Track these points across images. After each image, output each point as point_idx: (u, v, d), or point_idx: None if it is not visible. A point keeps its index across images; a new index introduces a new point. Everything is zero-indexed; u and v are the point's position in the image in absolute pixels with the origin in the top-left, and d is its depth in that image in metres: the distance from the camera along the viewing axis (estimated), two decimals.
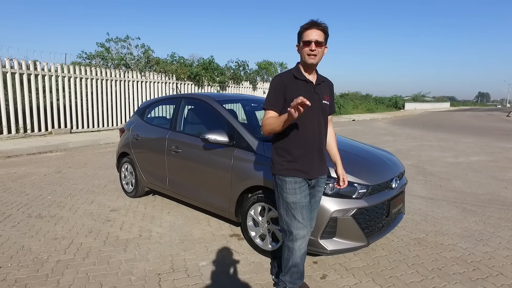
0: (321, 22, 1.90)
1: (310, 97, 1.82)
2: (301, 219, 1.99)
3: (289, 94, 1.91)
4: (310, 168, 2.00)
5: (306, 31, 1.89)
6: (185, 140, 3.36)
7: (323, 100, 2.01)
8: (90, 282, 2.29)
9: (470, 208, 4.10)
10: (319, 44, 1.88)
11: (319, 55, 1.90)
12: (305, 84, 1.96)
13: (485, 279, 2.45)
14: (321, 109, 2.00)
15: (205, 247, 2.88)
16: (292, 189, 1.98)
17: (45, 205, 3.89)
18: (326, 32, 1.91)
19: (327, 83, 2.09)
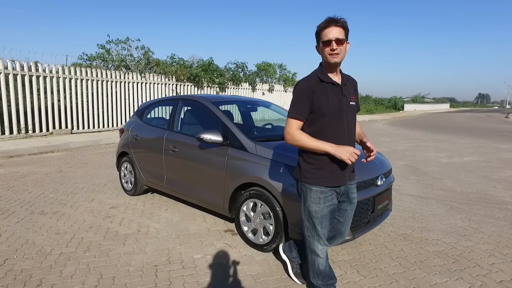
0: (339, 18, 1.81)
1: (338, 100, 1.85)
2: (320, 227, 1.97)
3: (317, 99, 1.84)
4: (339, 175, 1.92)
5: (324, 30, 1.80)
6: (182, 140, 3.51)
7: (350, 102, 1.92)
8: (91, 273, 2.43)
9: (457, 206, 4.25)
10: (340, 42, 1.78)
11: (342, 53, 1.81)
12: (332, 87, 1.87)
13: (462, 270, 2.60)
14: (349, 111, 1.91)
15: (200, 241, 3.03)
16: (317, 198, 1.93)
17: (47, 203, 4.04)
18: (346, 28, 1.82)
19: (351, 82, 2.00)
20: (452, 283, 2.41)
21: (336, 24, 1.79)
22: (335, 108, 1.85)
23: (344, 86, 1.91)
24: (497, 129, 17.15)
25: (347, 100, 1.90)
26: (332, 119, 1.85)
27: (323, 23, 1.81)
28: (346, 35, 1.83)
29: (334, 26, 1.79)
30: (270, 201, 2.64)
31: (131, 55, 12.99)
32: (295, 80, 21.62)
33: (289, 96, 20.45)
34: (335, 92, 1.87)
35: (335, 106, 1.85)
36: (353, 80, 2.04)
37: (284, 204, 2.56)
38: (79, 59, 12.08)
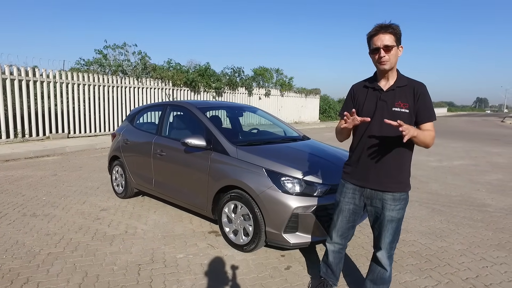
0: (389, 24, 1.82)
1: (374, 105, 1.90)
2: (337, 220, 2.11)
3: (357, 102, 1.98)
4: (361, 176, 1.97)
5: (373, 38, 1.84)
6: (169, 144, 3.64)
7: (392, 108, 1.87)
8: (76, 271, 2.55)
9: (439, 208, 4.37)
10: (388, 49, 1.80)
11: (391, 60, 1.82)
12: (371, 92, 1.93)
13: (433, 269, 2.72)
14: (388, 116, 1.82)
15: (184, 242, 3.14)
16: (340, 189, 2.12)
17: (40, 205, 4.16)
18: (396, 34, 1.83)
19: (409, 87, 1.88)
20: (421, 281, 2.53)
21: (384, 32, 1.81)
22: (368, 111, 1.92)
23: (390, 92, 1.89)
24: (492, 133, 17.32)
25: (387, 106, 1.88)
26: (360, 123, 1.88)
27: (372, 30, 1.86)
28: (397, 40, 1.84)
29: (382, 34, 1.81)
30: (249, 203, 2.77)
31: (128, 60, 13.16)
32: (291, 85, 21.82)
33: (286, 101, 20.62)
34: (371, 97, 1.94)
35: (368, 110, 1.92)
36: (412, 86, 1.89)
37: (261, 206, 2.69)
38: (77, 64, 12.24)
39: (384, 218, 1.95)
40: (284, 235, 2.62)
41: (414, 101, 1.87)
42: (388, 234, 1.97)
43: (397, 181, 1.92)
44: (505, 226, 3.75)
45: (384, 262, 2.03)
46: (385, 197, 1.93)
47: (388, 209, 1.93)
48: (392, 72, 1.90)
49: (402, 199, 1.94)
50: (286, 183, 2.66)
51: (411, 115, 1.86)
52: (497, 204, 4.59)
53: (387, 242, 1.99)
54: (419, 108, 1.86)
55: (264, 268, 2.66)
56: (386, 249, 2.01)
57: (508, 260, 2.90)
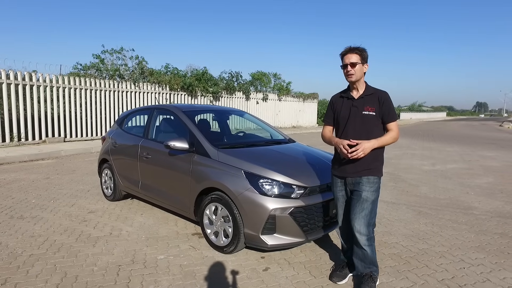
0: (356, 47, 2.29)
1: (345, 111, 2.36)
2: (337, 207, 2.55)
3: (335, 109, 2.46)
4: (341, 169, 2.41)
5: (343, 57, 2.32)
6: (154, 147, 3.69)
7: (362, 111, 2.31)
8: (56, 272, 2.58)
9: (426, 211, 4.39)
10: (353, 65, 2.26)
11: (356, 74, 2.28)
12: (346, 100, 2.40)
13: (410, 270, 2.74)
14: (359, 119, 2.31)
15: (167, 243, 3.17)
16: (332, 182, 2.57)
17: (28, 208, 4.19)
18: (361, 54, 2.28)
19: (374, 95, 2.33)
20: (396, 282, 2.55)
21: (351, 52, 2.28)
22: (344, 116, 2.38)
23: (360, 99, 2.34)
24: (488, 137, 17.34)
25: (358, 110, 2.32)
26: (342, 123, 2.39)
27: (343, 51, 2.33)
28: (363, 59, 2.29)
29: (350, 53, 2.28)
30: (229, 204, 2.80)
31: (125, 64, 13.28)
32: (289, 89, 21.92)
33: (283, 105, 20.70)
34: (347, 104, 2.39)
35: (344, 115, 2.38)
36: (378, 94, 2.34)
37: (239, 207, 2.72)
38: (74, 68, 12.34)
39: (361, 198, 2.34)
40: (262, 236, 2.65)
41: (380, 106, 2.32)
42: (364, 213, 2.34)
43: (370, 168, 2.34)
44: (488, 228, 3.77)
45: (363, 242, 2.36)
46: (362, 181, 2.35)
47: (364, 190, 2.34)
48: (360, 83, 2.36)
49: (375, 182, 2.36)
50: (264, 185, 2.70)
51: (377, 117, 2.32)
52: (483, 207, 4.61)
53: (362, 223, 2.34)
54: (384, 112, 2.33)
55: (243, 269, 2.69)
56: (364, 231, 2.34)
57: (485, 262, 2.92)
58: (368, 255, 2.38)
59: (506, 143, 14.16)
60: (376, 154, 2.33)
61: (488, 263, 2.91)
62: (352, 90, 2.39)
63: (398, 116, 39.50)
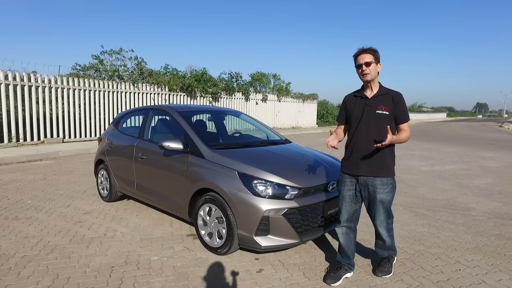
0: (369, 48, 2.35)
1: (358, 111, 2.41)
2: (342, 206, 2.56)
3: (348, 109, 2.52)
4: (353, 167, 2.46)
5: (357, 57, 2.37)
6: (149, 148, 3.67)
7: (376, 111, 2.36)
8: (48, 274, 2.56)
9: (423, 212, 4.37)
10: (368, 64, 2.32)
11: (371, 72, 2.33)
12: (359, 100, 2.45)
13: (405, 272, 2.72)
14: (373, 118, 2.36)
15: (161, 244, 3.15)
16: (340, 180, 2.60)
17: (24, 209, 4.18)
18: (374, 54, 2.34)
19: (388, 95, 2.39)
20: (391, 284, 2.53)
21: (364, 52, 2.35)
22: (357, 115, 2.43)
23: (374, 99, 2.39)
24: (488, 138, 17.31)
25: (371, 109, 2.37)
26: (354, 123, 2.44)
27: (356, 52, 2.39)
28: (376, 59, 2.36)
29: (363, 54, 2.34)
30: (223, 205, 2.78)
31: (124, 65, 13.27)
32: (289, 90, 21.91)
33: (283, 106, 20.69)
34: (359, 103, 2.44)
35: (357, 114, 2.43)
36: (392, 94, 2.40)
37: (233, 208, 2.70)
38: (73, 69, 12.34)
39: (376, 200, 2.42)
40: (255, 238, 2.63)
41: (393, 106, 2.36)
42: (381, 213, 2.45)
43: (383, 168, 2.41)
44: (485, 229, 3.74)
45: (384, 235, 2.54)
46: (375, 182, 2.41)
47: (378, 192, 2.41)
48: (374, 83, 2.41)
49: (390, 183, 2.43)
50: (257, 186, 2.68)
51: (391, 116, 2.36)
52: (481, 208, 4.58)
53: (382, 220, 2.48)
54: (397, 112, 2.38)
55: (236, 271, 2.67)
56: (384, 226, 2.50)
57: (481, 263, 2.90)
58: (388, 243, 2.58)
59: (506, 143, 14.13)
60: (386, 153, 2.41)
61: (484, 264, 2.89)
62: (366, 89, 2.45)
63: None
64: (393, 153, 2.48)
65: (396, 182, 2.51)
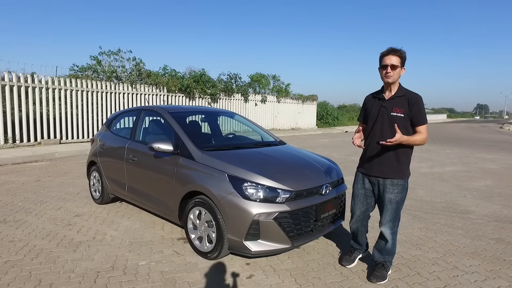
0: (399, 49, 2.32)
1: (375, 111, 2.46)
2: (353, 203, 2.68)
3: (367, 108, 2.57)
4: (367, 166, 2.54)
5: (384, 57, 2.34)
6: (140, 149, 3.59)
7: (391, 112, 2.38)
8: (30, 280, 2.47)
9: (421, 215, 4.27)
10: (394, 68, 2.31)
11: (394, 76, 2.33)
12: (377, 101, 2.49)
13: (401, 278, 2.62)
14: (387, 119, 2.39)
15: (151, 248, 3.07)
16: (355, 178, 2.69)
17: (13, 211, 4.10)
18: (402, 57, 2.33)
19: (405, 97, 2.38)
20: None
21: (394, 54, 2.31)
22: (373, 115, 2.48)
23: (390, 100, 2.40)
24: (488, 139, 17.19)
25: (386, 111, 2.40)
26: (370, 123, 2.51)
27: (385, 51, 2.35)
28: (402, 63, 2.35)
29: (392, 55, 2.32)
30: (212, 209, 2.70)
31: (123, 66, 13.21)
32: (288, 91, 21.83)
33: (282, 107, 20.62)
34: (376, 104, 2.48)
35: (373, 115, 2.48)
36: (409, 96, 2.39)
37: (223, 212, 2.62)
38: (71, 70, 12.28)
39: (385, 199, 2.46)
40: (245, 242, 2.55)
41: (409, 108, 2.35)
42: (389, 213, 2.48)
43: (394, 170, 2.42)
44: (484, 233, 3.65)
45: (388, 236, 2.53)
46: (385, 182, 2.45)
47: (387, 192, 2.45)
48: (394, 85, 2.41)
49: (400, 185, 2.44)
50: (248, 189, 2.60)
51: (406, 119, 2.36)
52: (480, 210, 4.49)
53: (388, 220, 2.49)
54: (413, 114, 2.35)
55: (226, 276, 2.58)
56: (389, 226, 2.50)
57: (480, 269, 2.80)
58: (388, 247, 2.56)
59: (506, 145, 14.02)
60: (399, 155, 2.41)
61: (482, 270, 2.79)
62: (386, 91, 2.46)
63: None
64: (408, 155, 2.46)
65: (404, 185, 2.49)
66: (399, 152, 2.40)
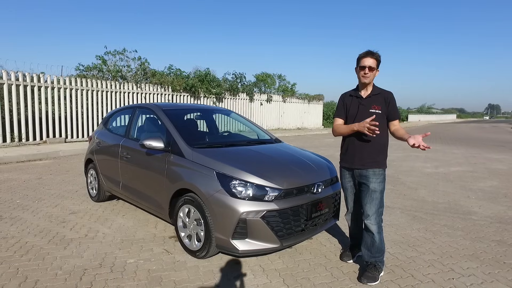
0: (375, 52, 2.49)
1: (356, 108, 2.57)
2: (345, 197, 2.78)
3: (345, 106, 2.67)
4: (349, 160, 2.64)
5: (363, 59, 2.49)
6: (133, 147, 3.57)
7: (369, 109, 2.53)
8: (17, 276, 2.47)
9: (421, 216, 4.16)
10: (371, 69, 2.47)
11: (370, 77, 2.50)
12: (354, 99, 2.62)
13: (393, 280, 2.54)
14: (367, 116, 2.48)
15: (141, 246, 3.05)
16: (340, 174, 2.80)
17: (11, 208, 4.12)
18: (378, 60, 2.50)
19: (381, 95, 2.56)
20: None
21: (371, 56, 2.47)
22: (353, 113, 2.60)
23: (367, 98, 2.56)
24: (498, 139, 16.80)
25: (365, 108, 2.54)
26: (350, 120, 2.61)
27: (363, 53, 2.50)
28: (378, 65, 2.52)
29: (369, 57, 2.47)
30: (201, 207, 2.66)
31: (128, 66, 13.30)
32: (294, 91, 21.72)
33: (288, 107, 20.52)
34: (355, 102, 2.61)
35: (353, 112, 2.60)
36: (384, 94, 2.57)
37: (210, 210, 2.57)
38: (76, 69, 12.41)
39: (369, 189, 2.54)
40: (232, 241, 2.50)
41: (386, 105, 2.54)
42: (374, 203, 2.53)
43: (375, 161, 2.55)
44: (485, 235, 3.53)
45: (373, 229, 2.53)
46: (368, 173, 2.55)
47: (371, 182, 2.54)
48: (369, 85, 2.59)
49: (381, 174, 2.57)
50: (236, 187, 2.55)
51: (383, 115, 2.54)
52: (483, 212, 4.36)
53: (374, 210, 2.53)
54: (390, 111, 2.56)
55: (213, 276, 2.54)
56: (374, 217, 2.53)
57: (478, 272, 2.70)
58: (376, 243, 2.54)
59: None
60: (378, 147, 2.56)
61: (480, 273, 2.69)
62: (361, 90, 2.60)
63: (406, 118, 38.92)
64: (386, 146, 2.62)
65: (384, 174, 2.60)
66: (377, 144, 2.55)
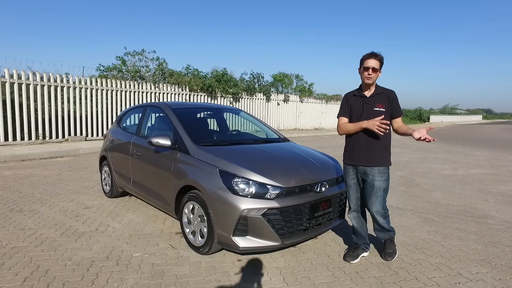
0: (379, 53, 2.57)
1: (361, 107, 2.65)
2: (349, 194, 2.83)
3: (349, 106, 2.74)
4: (354, 157, 2.71)
5: (366, 60, 2.57)
6: (143, 144, 3.68)
7: (374, 108, 2.62)
8: (30, 265, 2.60)
9: (433, 218, 4.05)
10: (375, 70, 2.55)
11: (374, 78, 2.59)
12: (359, 99, 2.70)
13: (396, 282, 2.49)
14: (372, 114, 2.59)
15: (148, 241, 3.13)
16: (344, 171, 2.84)
17: (30, 202, 4.34)
18: (381, 61, 2.58)
19: (384, 94, 2.66)
20: None
21: (375, 57, 2.55)
22: (358, 112, 2.67)
23: (371, 97, 2.65)
24: None
25: (370, 107, 2.63)
26: (355, 118, 2.67)
27: (367, 54, 2.58)
28: (380, 66, 2.59)
29: (373, 59, 2.55)
30: (204, 203, 2.71)
31: (146, 66, 13.63)
32: (311, 91, 21.55)
33: (305, 107, 20.38)
34: (360, 102, 2.69)
35: (357, 111, 2.67)
36: (387, 92, 2.68)
37: (212, 206, 2.62)
38: (97, 70, 12.85)
39: (375, 187, 2.65)
40: (233, 238, 2.53)
41: (389, 103, 2.66)
42: (379, 200, 2.67)
43: (381, 159, 2.65)
44: (500, 240, 3.40)
45: (381, 221, 2.74)
46: (373, 171, 2.65)
47: (376, 180, 2.64)
48: (372, 85, 2.67)
49: (385, 172, 2.69)
50: (237, 184, 2.58)
51: (387, 113, 2.62)
52: (501, 216, 4.18)
53: (379, 207, 2.68)
54: (393, 108, 2.67)
55: (214, 272, 2.58)
56: (380, 212, 2.70)
57: (487, 277, 2.61)
58: (386, 227, 2.78)
59: None
60: (383, 145, 2.65)
61: (490, 279, 2.60)
62: (365, 90, 2.69)
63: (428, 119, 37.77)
64: (389, 145, 2.72)
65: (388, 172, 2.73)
66: (382, 143, 2.64)
